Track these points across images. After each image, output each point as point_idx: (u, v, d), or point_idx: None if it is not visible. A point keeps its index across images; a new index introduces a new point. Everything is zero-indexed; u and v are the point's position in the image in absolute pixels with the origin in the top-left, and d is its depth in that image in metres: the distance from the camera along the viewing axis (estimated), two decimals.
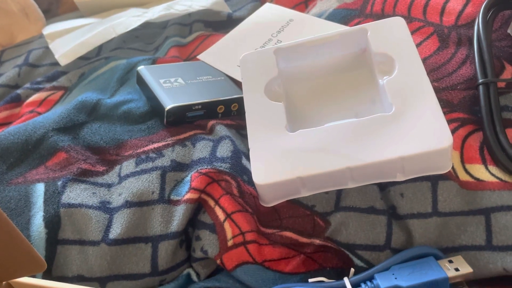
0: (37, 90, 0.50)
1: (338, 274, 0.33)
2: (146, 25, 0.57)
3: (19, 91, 0.50)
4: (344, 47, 0.40)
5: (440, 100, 0.37)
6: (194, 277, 0.34)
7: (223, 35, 0.51)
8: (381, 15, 0.45)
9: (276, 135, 0.34)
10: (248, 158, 0.37)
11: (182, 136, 0.39)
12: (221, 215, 0.33)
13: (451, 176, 0.32)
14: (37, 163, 0.39)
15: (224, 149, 0.37)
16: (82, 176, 0.37)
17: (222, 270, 0.34)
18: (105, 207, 0.35)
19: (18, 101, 0.50)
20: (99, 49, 0.55)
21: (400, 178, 0.32)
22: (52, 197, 0.35)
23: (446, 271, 0.29)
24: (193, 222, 0.35)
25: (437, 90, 0.37)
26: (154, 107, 0.42)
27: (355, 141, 0.32)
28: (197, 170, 0.35)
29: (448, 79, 0.38)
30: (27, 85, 0.51)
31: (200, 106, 0.40)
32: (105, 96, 0.45)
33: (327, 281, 0.31)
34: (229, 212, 0.33)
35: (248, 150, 0.34)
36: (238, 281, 0.33)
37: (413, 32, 0.42)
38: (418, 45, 0.41)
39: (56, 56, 0.51)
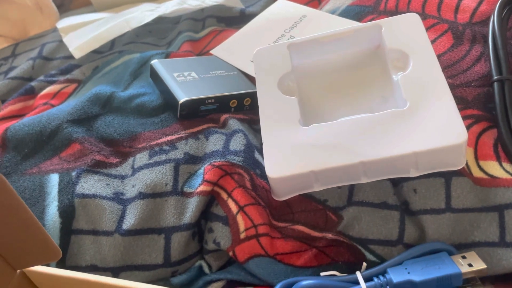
0: (51, 82, 0.50)
1: (350, 268, 0.33)
2: (159, 20, 0.57)
3: (33, 83, 0.51)
4: (358, 43, 0.40)
5: (455, 97, 0.36)
6: (206, 269, 0.34)
7: (235, 30, 0.51)
8: (395, 12, 0.45)
9: (290, 129, 0.34)
10: (260, 152, 0.38)
11: (195, 129, 0.39)
12: (234, 208, 0.33)
13: (464, 172, 0.32)
14: (52, 154, 0.39)
15: (237, 143, 0.37)
16: (96, 167, 0.37)
17: (234, 263, 0.34)
18: (118, 198, 0.35)
19: (32, 93, 0.50)
20: (112, 43, 0.55)
21: (413, 173, 0.32)
22: (67, 188, 0.36)
23: (459, 267, 0.29)
24: (206, 215, 0.35)
25: (451, 87, 0.37)
26: (168, 101, 0.42)
27: (369, 136, 0.32)
28: (210, 162, 0.35)
29: (462, 76, 0.38)
30: (41, 77, 0.51)
31: (213, 100, 0.40)
32: (119, 89, 0.46)
33: (339, 275, 0.31)
34: (242, 204, 0.33)
35: (261, 144, 0.35)
36: (250, 274, 0.33)
37: (427, 29, 0.42)
38: (432, 42, 0.41)
39: (71, 49, 0.51)
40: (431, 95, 0.33)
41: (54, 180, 0.37)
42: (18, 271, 0.28)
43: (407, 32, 0.37)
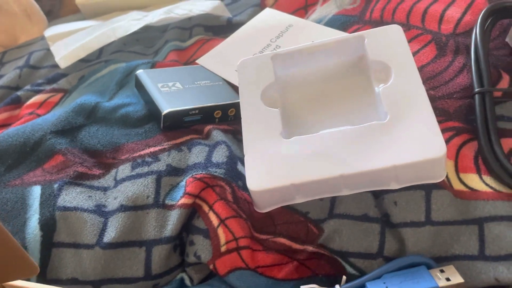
0: (37, 92, 0.50)
1: (331, 281, 0.33)
2: (147, 29, 0.57)
3: (19, 92, 0.50)
4: (341, 54, 0.40)
5: (436, 108, 0.37)
6: (188, 282, 0.34)
7: (222, 39, 0.51)
8: (380, 22, 0.45)
9: (271, 142, 0.34)
10: (243, 164, 0.38)
11: (178, 141, 0.39)
12: (215, 221, 0.33)
13: (445, 185, 0.33)
14: (35, 166, 0.39)
15: (220, 155, 0.37)
16: (78, 179, 0.37)
17: (215, 276, 0.34)
18: (100, 210, 0.35)
19: (18, 102, 0.50)
20: (100, 52, 0.55)
21: (394, 186, 0.32)
22: (48, 200, 0.36)
23: (437, 281, 0.29)
24: (187, 227, 0.35)
25: (433, 99, 0.37)
26: (152, 111, 0.42)
27: (350, 149, 0.32)
28: (192, 175, 0.35)
29: (444, 88, 0.38)
30: (28, 87, 0.51)
31: (197, 111, 0.40)
32: (104, 99, 0.46)
33: None
34: (223, 217, 0.33)
35: (244, 155, 0.35)
36: (231, 287, 0.33)
37: (411, 40, 0.42)
38: (415, 53, 0.41)
39: (56, 59, 0.51)
40: (411, 108, 0.33)
41: (36, 192, 0.36)
42: None
43: (389, 44, 0.37)
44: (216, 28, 0.55)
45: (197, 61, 0.48)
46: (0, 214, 0.35)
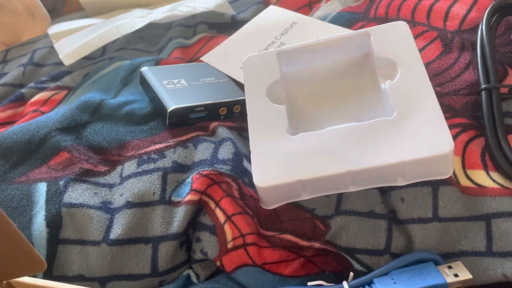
0: (41, 89, 0.50)
1: (338, 278, 0.33)
2: (150, 26, 0.57)
3: (23, 90, 0.50)
4: (347, 51, 0.40)
5: (443, 105, 0.36)
6: (194, 279, 0.34)
7: (226, 37, 0.51)
8: (385, 19, 0.45)
9: (278, 138, 0.34)
10: (249, 160, 0.37)
11: (184, 138, 0.39)
12: (221, 217, 0.33)
13: (452, 181, 0.32)
14: (40, 163, 0.39)
15: (226, 151, 0.37)
16: (84, 176, 0.37)
17: (222, 272, 0.34)
18: (106, 207, 0.35)
19: (22, 100, 0.50)
20: (104, 49, 0.55)
21: (401, 182, 0.32)
22: (54, 197, 0.36)
23: (445, 277, 0.29)
24: (193, 224, 0.35)
25: (439, 95, 0.37)
26: (157, 108, 0.42)
27: (356, 145, 0.32)
28: (198, 171, 0.35)
29: (451, 84, 0.38)
30: (32, 84, 0.51)
31: (202, 108, 0.40)
32: (109, 96, 0.46)
33: (326, 284, 0.31)
34: (230, 214, 0.33)
35: (250, 152, 0.35)
36: (238, 283, 0.33)
37: (416, 37, 0.42)
38: (421, 50, 0.41)
39: (60, 56, 0.51)
40: (418, 104, 0.33)
41: (42, 189, 0.36)
42: (4, 282, 0.28)
43: (395, 41, 0.37)
44: (220, 26, 0.55)
45: (201, 58, 0.48)
46: (6, 211, 0.35)
